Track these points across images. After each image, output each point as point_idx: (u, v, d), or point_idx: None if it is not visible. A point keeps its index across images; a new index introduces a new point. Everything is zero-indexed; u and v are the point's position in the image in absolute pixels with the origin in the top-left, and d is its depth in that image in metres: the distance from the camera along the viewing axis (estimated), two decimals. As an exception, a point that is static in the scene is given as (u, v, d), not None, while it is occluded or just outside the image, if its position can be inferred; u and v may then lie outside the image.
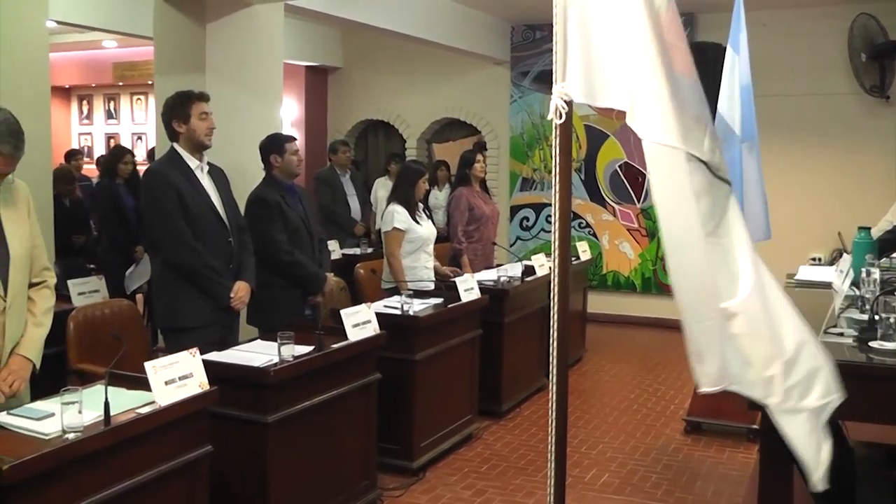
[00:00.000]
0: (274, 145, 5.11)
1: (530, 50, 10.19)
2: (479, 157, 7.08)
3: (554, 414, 2.78)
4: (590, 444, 5.59)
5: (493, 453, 5.42)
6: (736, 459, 5.36)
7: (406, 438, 4.92)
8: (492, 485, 4.91)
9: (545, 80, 10.03)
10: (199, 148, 4.39)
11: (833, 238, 8.65)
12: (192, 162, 4.37)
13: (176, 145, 4.39)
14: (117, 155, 7.58)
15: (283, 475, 3.78)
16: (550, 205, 2.75)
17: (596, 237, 9.92)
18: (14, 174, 3.16)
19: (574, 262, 7.29)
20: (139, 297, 7.18)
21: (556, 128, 2.62)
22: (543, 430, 5.81)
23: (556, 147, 2.63)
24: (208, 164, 4.48)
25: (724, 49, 5.40)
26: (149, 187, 4.35)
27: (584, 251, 7.99)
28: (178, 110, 4.36)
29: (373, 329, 4.38)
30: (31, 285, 3.26)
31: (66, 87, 13.57)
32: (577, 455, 5.35)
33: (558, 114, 2.58)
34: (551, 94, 2.61)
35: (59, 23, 7.41)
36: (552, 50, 2.65)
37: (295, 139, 5.25)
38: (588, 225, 9.97)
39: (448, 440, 5.33)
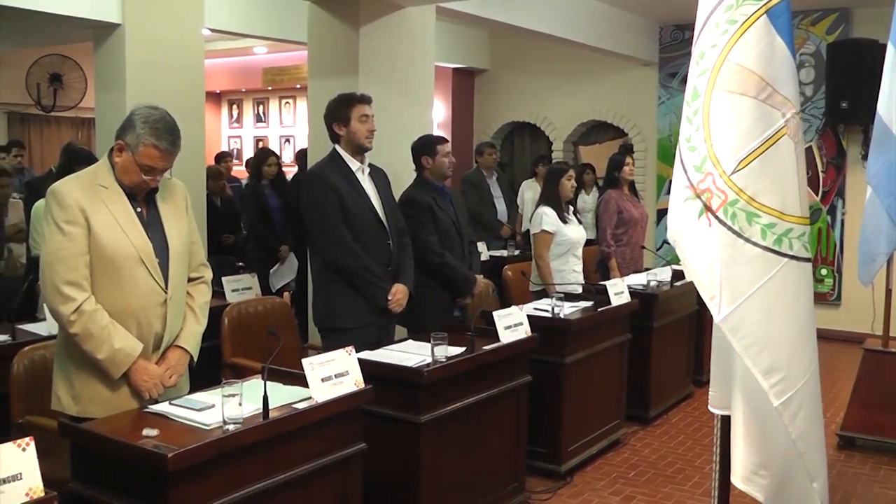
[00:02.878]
0: (426, 147, 5.11)
1: (679, 51, 9.99)
2: (629, 159, 6.97)
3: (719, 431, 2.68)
4: (739, 456, 5.40)
5: (641, 459, 5.32)
6: (892, 478, 5.11)
7: (554, 442, 4.88)
8: (640, 491, 4.83)
9: (694, 81, 9.80)
10: (359, 150, 4.41)
11: None
12: (353, 164, 4.41)
13: (337, 147, 4.44)
14: (262, 157, 7.80)
15: (434, 475, 3.80)
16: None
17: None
18: (170, 174, 3.28)
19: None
20: (286, 295, 7.36)
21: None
22: (692, 438, 5.68)
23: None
24: (369, 165, 4.51)
25: (882, 46, 5.13)
26: (309, 189, 4.40)
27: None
28: (338, 113, 4.40)
29: (524, 331, 4.35)
30: (189, 280, 3.36)
31: (218, 92, 14.04)
32: (726, 466, 5.20)
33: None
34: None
35: (213, 30, 7.61)
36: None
37: (447, 141, 5.23)
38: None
39: (596, 445, 5.27)
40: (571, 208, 6.15)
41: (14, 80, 11.88)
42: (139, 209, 3.17)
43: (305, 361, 3.15)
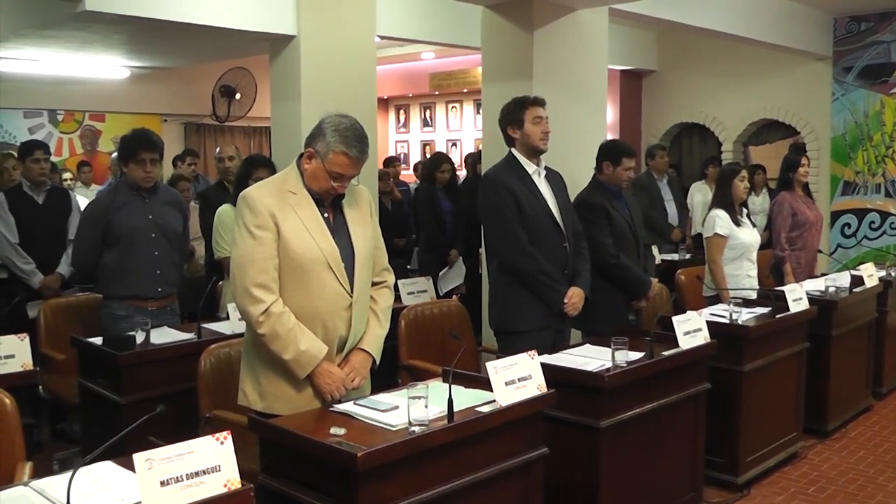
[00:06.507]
0: (612, 153, 5.04)
1: (854, 43, 9.59)
2: (804, 160, 6.72)
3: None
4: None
5: (820, 475, 5.09)
6: None
7: (732, 452, 4.74)
8: (820, 509, 4.63)
9: (870, 76, 9.39)
10: (534, 152, 4.40)
11: None
12: (529, 167, 4.40)
13: (513, 150, 4.44)
14: (436, 162, 7.90)
15: (614, 481, 3.76)
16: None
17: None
18: (357, 180, 3.34)
19: (917, 272, 6.77)
20: (454, 298, 7.44)
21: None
22: (872, 453, 5.41)
23: None
24: (546, 168, 4.49)
25: None
26: (486, 192, 4.42)
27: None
28: (512, 116, 4.40)
29: (703, 337, 4.25)
30: (373, 285, 3.40)
31: (385, 97, 14.29)
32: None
33: None
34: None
35: (382, 37, 7.72)
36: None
37: (635, 155, 5.13)
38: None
39: (773, 457, 5.07)
40: (745, 211, 5.96)
41: (190, 92, 12.55)
42: (326, 215, 3.23)
43: (489, 365, 3.15)
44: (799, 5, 8.98)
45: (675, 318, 4.18)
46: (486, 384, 3.18)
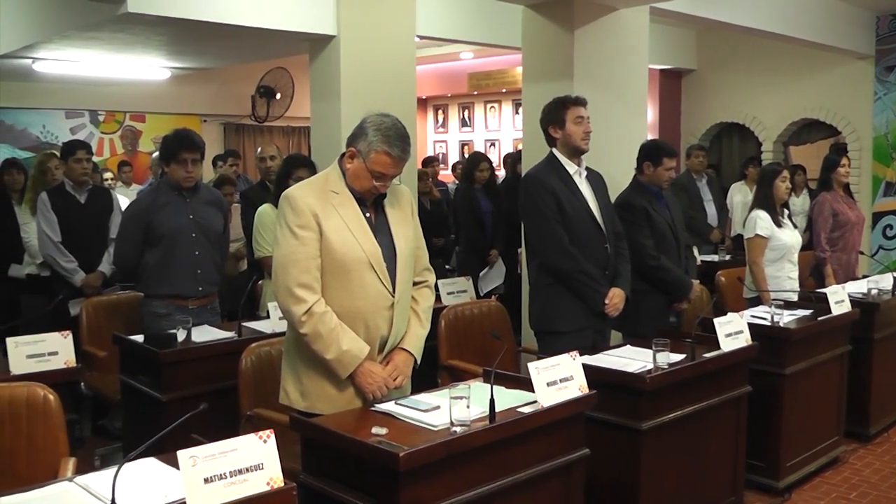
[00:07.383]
0: (653, 153, 4.99)
1: (897, 41, 9.46)
2: (844, 160, 6.64)
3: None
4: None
5: (862, 480, 5.02)
6: None
7: (773, 456, 4.69)
8: (863, 514, 4.57)
9: (914, 75, 9.29)
10: (575, 152, 4.38)
11: None
12: (571, 167, 4.39)
13: (554, 150, 4.43)
14: (474, 162, 7.89)
15: (654, 483, 3.74)
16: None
17: None
18: (399, 180, 3.35)
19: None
20: (493, 298, 7.42)
21: None
22: (917, 458, 5.33)
23: None
24: (587, 168, 4.48)
25: None
26: (527, 192, 4.40)
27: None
28: (553, 115, 4.39)
29: (745, 340, 4.22)
30: (414, 284, 3.40)
31: (423, 97, 14.27)
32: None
33: None
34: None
35: (422, 37, 7.66)
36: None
37: (676, 155, 5.08)
38: None
39: (814, 462, 5.02)
40: (786, 212, 5.90)
41: (229, 93, 12.63)
42: (368, 214, 3.24)
43: (531, 365, 3.14)
44: (841, 3, 8.89)
45: (716, 320, 4.15)
46: (527, 385, 3.18)
